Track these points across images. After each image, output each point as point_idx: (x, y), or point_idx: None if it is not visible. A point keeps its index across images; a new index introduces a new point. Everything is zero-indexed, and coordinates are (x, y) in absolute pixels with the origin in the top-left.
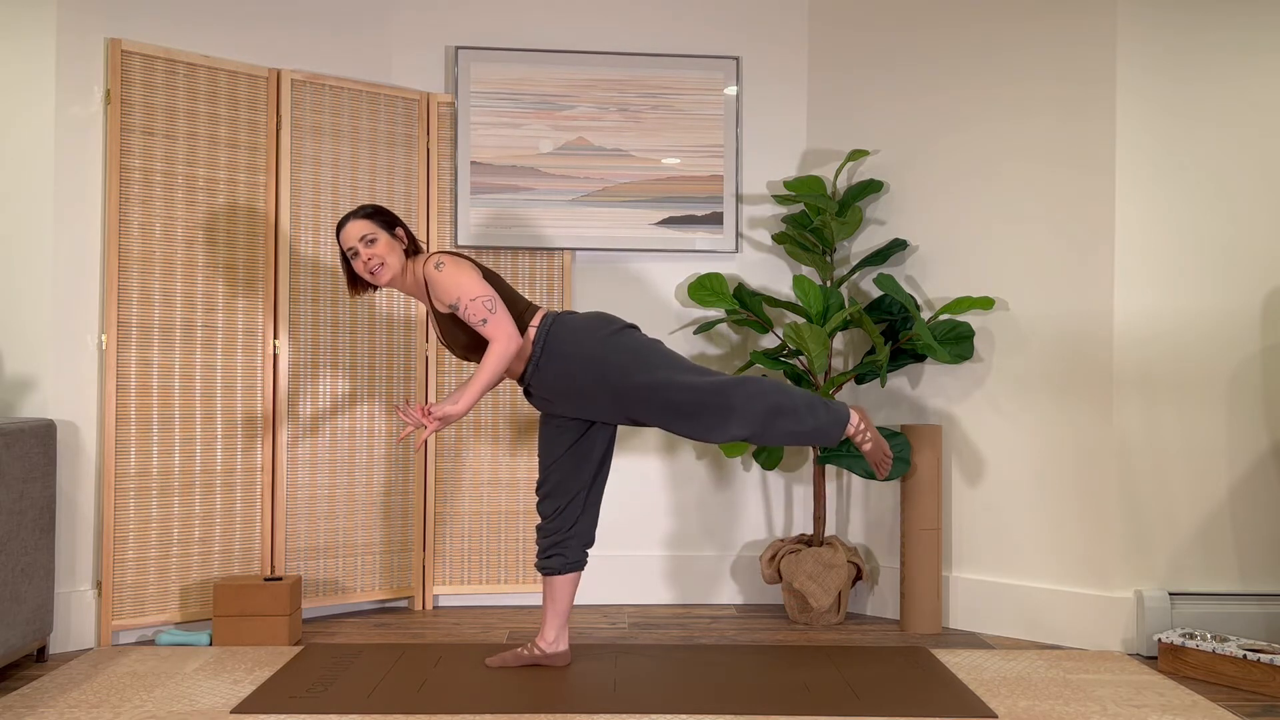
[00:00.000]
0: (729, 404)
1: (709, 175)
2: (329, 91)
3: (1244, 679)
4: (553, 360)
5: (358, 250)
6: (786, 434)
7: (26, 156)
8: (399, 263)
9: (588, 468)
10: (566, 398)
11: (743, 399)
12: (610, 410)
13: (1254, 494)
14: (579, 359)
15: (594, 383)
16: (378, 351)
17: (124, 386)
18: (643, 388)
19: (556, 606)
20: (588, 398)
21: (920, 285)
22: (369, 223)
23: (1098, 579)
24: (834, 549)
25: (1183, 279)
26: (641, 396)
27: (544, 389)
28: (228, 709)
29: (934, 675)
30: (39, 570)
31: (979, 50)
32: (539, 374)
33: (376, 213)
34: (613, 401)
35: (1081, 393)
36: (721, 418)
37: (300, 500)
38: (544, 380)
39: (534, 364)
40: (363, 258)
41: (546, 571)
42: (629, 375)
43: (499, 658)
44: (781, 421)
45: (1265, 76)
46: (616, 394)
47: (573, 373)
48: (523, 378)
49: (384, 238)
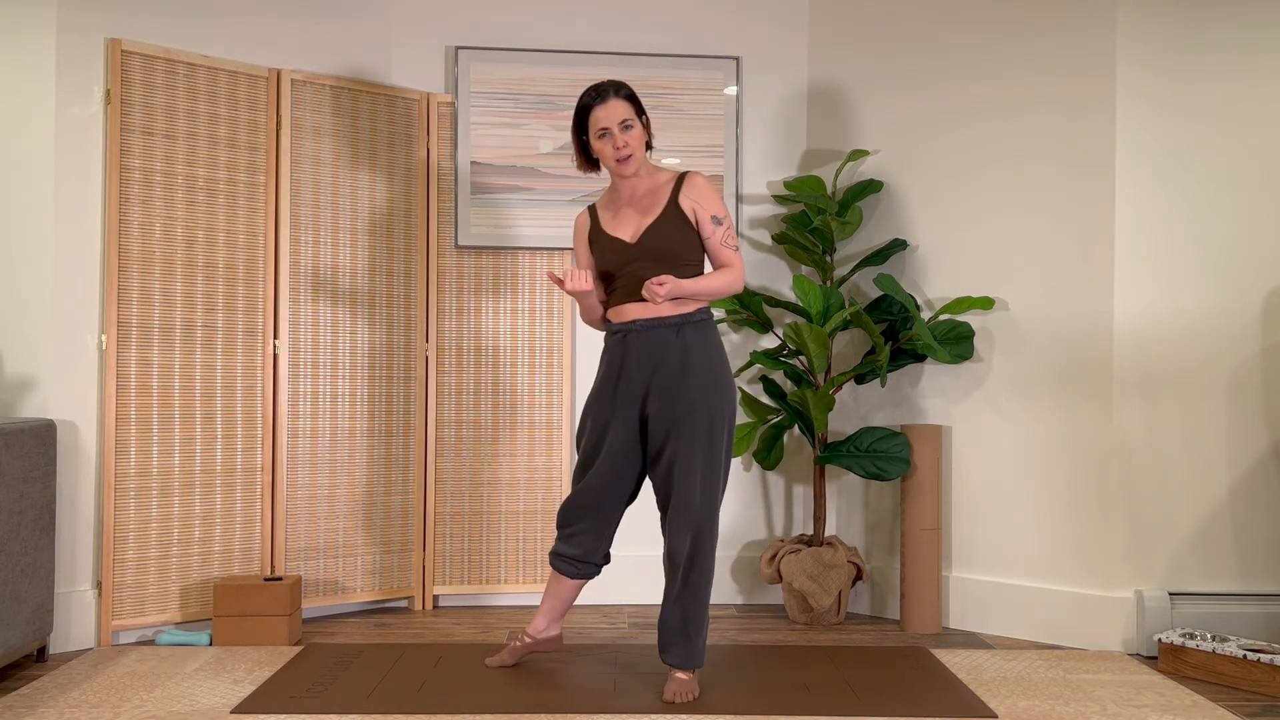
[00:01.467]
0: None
1: (709, 175)
2: (329, 91)
3: (1244, 679)
4: (704, 334)
5: (612, 132)
6: (680, 604)
7: (26, 156)
8: (643, 155)
9: (631, 483)
10: (664, 374)
11: (710, 551)
12: (675, 417)
13: (1254, 494)
14: (718, 357)
15: (702, 388)
16: (378, 351)
17: (124, 386)
18: (723, 435)
19: (558, 602)
20: (680, 393)
21: (920, 285)
22: (629, 106)
23: (1098, 579)
24: (834, 549)
25: (1183, 279)
26: (713, 437)
27: (656, 350)
28: (228, 709)
29: (934, 675)
30: (39, 570)
31: (979, 50)
32: (681, 334)
33: (633, 96)
34: (691, 414)
35: (1081, 393)
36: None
37: (300, 500)
38: (670, 342)
39: (688, 320)
40: (618, 141)
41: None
42: (726, 414)
43: (496, 657)
44: (695, 601)
45: (1265, 76)
46: (708, 411)
47: (703, 362)
48: (653, 325)
49: (639, 126)
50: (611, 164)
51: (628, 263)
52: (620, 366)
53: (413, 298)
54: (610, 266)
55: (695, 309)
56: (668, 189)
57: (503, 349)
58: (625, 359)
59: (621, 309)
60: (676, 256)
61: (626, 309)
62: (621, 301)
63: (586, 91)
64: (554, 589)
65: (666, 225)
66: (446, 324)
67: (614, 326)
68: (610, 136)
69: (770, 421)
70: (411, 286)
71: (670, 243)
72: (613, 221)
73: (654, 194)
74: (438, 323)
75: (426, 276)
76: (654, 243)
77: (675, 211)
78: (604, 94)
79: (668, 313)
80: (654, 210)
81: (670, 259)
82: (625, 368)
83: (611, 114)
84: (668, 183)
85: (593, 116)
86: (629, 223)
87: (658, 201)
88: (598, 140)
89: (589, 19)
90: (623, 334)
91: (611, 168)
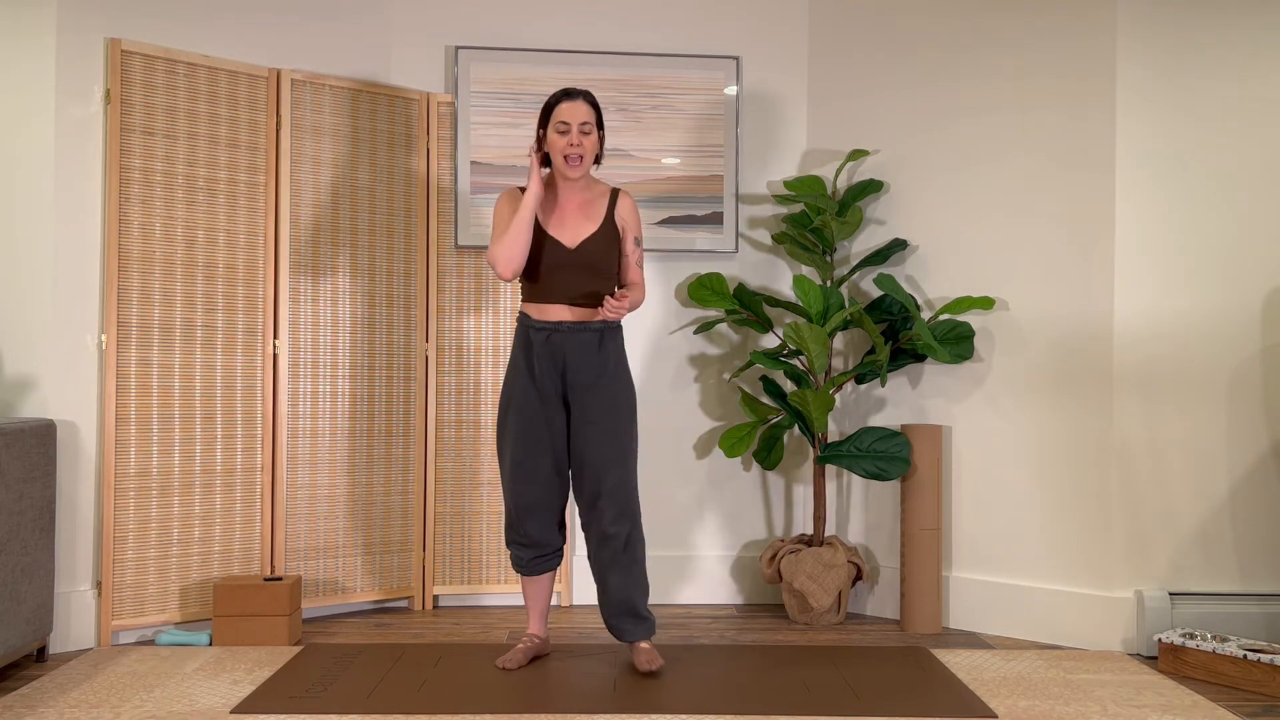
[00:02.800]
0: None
1: (709, 175)
2: (329, 91)
3: (1244, 679)
4: (619, 340)
5: (571, 129)
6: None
7: (26, 156)
8: (590, 163)
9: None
10: (589, 374)
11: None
12: (600, 414)
13: (1254, 494)
14: (624, 363)
15: (623, 388)
16: (378, 351)
17: (124, 386)
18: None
19: (543, 601)
20: (604, 392)
21: (920, 285)
22: (594, 113)
23: (1098, 579)
24: (834, 549)
25: (1183, 279)
26: (631, 431)
27: (582, 352)
28: (228, 709)
29: (934, 675)
30: (39, 570)
31: (979, 50)
32: (603, 340)
33: (598, 107)
34: (615, 412)
35: (1081, 392)
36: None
37: (300, 500)
38: (594, 346)
39: (607, 326)
40: (573, 138)
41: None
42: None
43: (510, 658)
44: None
45: (1266, 75)
46: (628, 408)
47: (619, 365)
48: (579, 328)
49: (595, 135)
50: (559, 159)
51: (562, 266)
52: (548, 362)
53: (413, 298)
54: (544, 266)
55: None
56: (603, 202)
57: (503, 349)
58: (551, 356)
59: (546, 308)
60: (606, 268)
61: (553, 309)
62: (549, 301)
63: (560, 90)
64: (532, 589)
65: (603, 239)
66: (446, 324)
67: (537, 323)
68: (568, 133)
69: (770, 421)
70: (411, 286)
71: (604, 255)
72: (552, 221)
73: (591, 204)
74: (438, 323)
75: (426, 276)
76: (591, 252)
77: (611, 226)
78: (573, 95)
79: (590, 319)
80: (592, 221)
81: (601, 269)
82: (551, 364)
83: (575, 113)
84: (603, 195)
85: (558, 109)
86: (567, 227)
87: (595, 213)
88: (555, 133)
89: (589, 19)
90: (549, 332)
91: (558, 164)
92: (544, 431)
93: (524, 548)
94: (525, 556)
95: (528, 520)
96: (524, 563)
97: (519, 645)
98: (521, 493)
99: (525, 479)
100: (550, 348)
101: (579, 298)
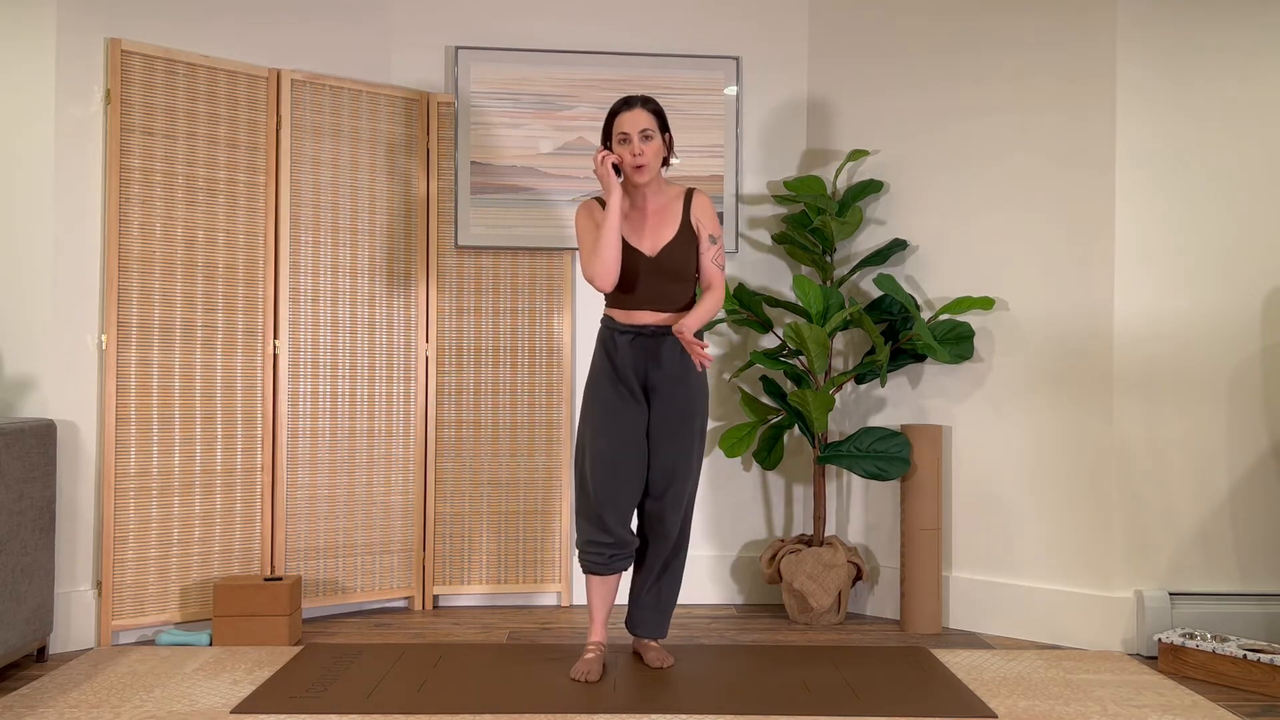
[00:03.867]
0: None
1: (709, 175)
2: (329, 91)
3: (1244, 679)
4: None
5: (631, 139)
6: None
7: (26, 156)
8: (657, 169)
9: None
10: (670, 376)
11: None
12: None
13: (1254, 494)
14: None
15: (700, 391)
16: (378, 351)
17: (124, 386)
18: (701, 429)
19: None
20: (682, 394)
21: (920, 285)
22: (655, 119)
23: (1098, 579)
24: (834, 549)
25: (1183, 279)
26: (703, 436)
27: (665, 355)
28: (228, 709)
29: (934, 675)
30: (39, 570)
31: (979, 50)
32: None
33: (660, 112)
34: (692, 414)
35: (1082, 393)
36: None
37: (300, 500)
38: (678, 349)
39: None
40: (635, 148)
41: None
42: (705, 422)
43: (583, 670)
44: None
45: (1266, 75)
46: (704, 412)
47: (694, 369)
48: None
49: (659, 141)
50: (626, 169)
51: (643, 273)
52: (630, 364)
53: (413, 298)
54: (625, 274)
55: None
56: (678, 205)
57: (503, 349)
58: (635, 358)
59: (633, 314)
60: (685, 273)
61: (640, 315)
62: (635, 307)
63: (619, 100)
64: (603, 590)
65: (682, 243)
66: (446, 324)
67: (622, 326)
68: (629, 143)
69: (770, 421)
70: (411, 286)
71: (683, 260)
72: (629, 229)
73: (666, 209)
74: (438, 323)
75: (426, 276)
76: (670, 258)
77: (688, 230)
78: (632, 103)
79: (674, 321)
80: (669, 226)
81: (681, 275)
82: (635, 366)
83: (635, 121)
84: (677, 198)
85: (617, 120)
86: (645, 234)
87: (671, 218)
88: (618, 144)
89: (589, 19)
90: (633, 335)
91: (627, 173)
92: (628, 427)
93: (603, 546)
94: (605, 554)
95: (609, 513)
96: (604, 560)
97: (589, 656)
98: (605, 484)
99: (609, 472)
100: (635, 350)
101: (662, 302)
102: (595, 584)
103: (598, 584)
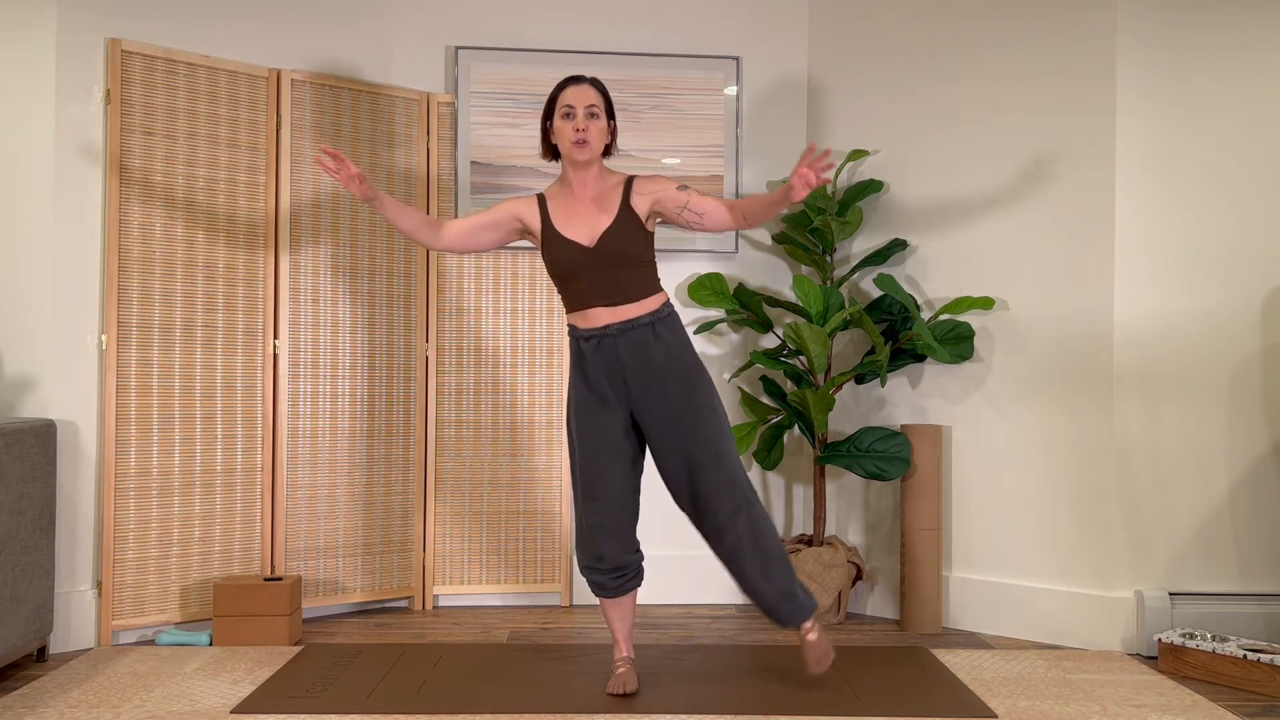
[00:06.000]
0: (750, 498)
1: (709, 175)
2: (329, 91)
3: (1244, 679)
4: (675, 327)
5: (576, 112)
6: (764, 572)
7: (26, 156)
8: (599, 151)
9: (636, 480)
10: (651, 374)
11: (760, 506)
12: (676, 413)
13: (1254, 494)
14: (690, 345)
15: (694, 378)
16: (378, 351)
17: (124, 386)
18: (722, 412)
19: (627, 620)
20: (673, 388)
21: (920, 285)
22: (602, 97)
23: (1098, 579)
24: (834, 549)
25: (1183, 279)
26: (717, 419)
27: (637, 352)
28: (228, 709)
29: (934, 675)
30: (39, 570)
31: (979, 50)
32: (657, 332)
33: (607, 94)
34: (693, 406)
35: (1082, 393)
36: (740, 500)
37: (300, 500)
38: (649, 342)
39: (658, 317)
40: (579, 123)
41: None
42: (715, 393)
43: (619, 684)
44: (774, 560)
45: (1265, 75)
46: (706, 397)
47: (682, 354)
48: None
49: (604, 123)
50: (567, 145)
51: (585, 267)
52: (601, 371)
53: (413, 298)
54: (565, 270)
55: (661, 305)
56: (618, 192)
57: (503, 349)
58: (605, 363)
59: (588, 314)
60: (633, 258)
61: (594, 314)
62: (586, 306)
63: (566, 77)
64: (616, 611)
65: (622, 228)
66: (446, 324)
67: (584, 332)
68: (573, 117)
69: (770, 421)
70: (411, 286)
71: (626, 245)
72: (566, 222)
73: (605, 196)
74: (438, 323)
75: (426, 276)
76: (611, 246)
77: (629, 214)
78: (579, 80)
79: (637, 314)
80: (608, 213)
81: (628, 260)
82: (607, 371)
83: (582, 96)
84: (617, 186)
85: (563, 94)
86: (582, 224)
87: (610, 205)
88: (561, 119)
89: (589, 19)
90: (597, 339)
91: (565, 149)
92: (612, 446)
93: (604, 573)
94: (608, 582)
95: (602, 541)
96: (607, 588)
97: (620, 670)
98: (594, 511)
99: (596, 497)
100: (602, 354)
101: (614, 296)
102: (608, 605)
103: (610, 604)
